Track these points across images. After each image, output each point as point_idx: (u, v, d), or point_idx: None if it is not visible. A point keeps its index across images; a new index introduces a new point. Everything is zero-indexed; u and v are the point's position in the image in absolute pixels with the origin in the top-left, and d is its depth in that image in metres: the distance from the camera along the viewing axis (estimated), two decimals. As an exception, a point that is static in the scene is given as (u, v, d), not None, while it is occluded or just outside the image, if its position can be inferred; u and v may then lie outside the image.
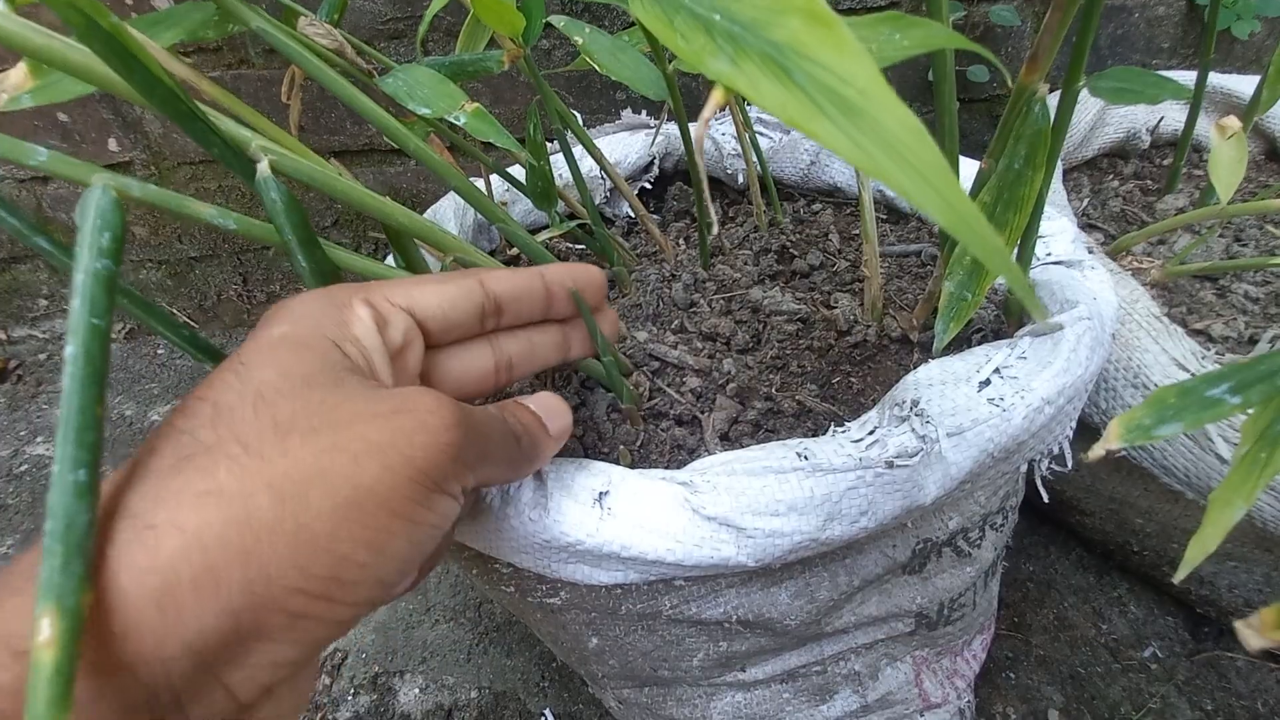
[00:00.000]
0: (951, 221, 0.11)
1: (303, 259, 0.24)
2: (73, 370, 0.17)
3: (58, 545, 0.15)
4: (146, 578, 0.15)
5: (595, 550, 0.29)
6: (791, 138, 0.60)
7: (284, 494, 0.16)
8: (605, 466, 0.30)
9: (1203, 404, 0.26)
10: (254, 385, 0.18)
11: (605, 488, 0.29)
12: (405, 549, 0.18)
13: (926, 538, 0.36)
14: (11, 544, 0.77)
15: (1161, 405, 0.27)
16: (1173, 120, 0.71)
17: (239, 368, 0.19)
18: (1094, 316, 0.35)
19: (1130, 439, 0.27)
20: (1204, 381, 0.26)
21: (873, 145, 0.12)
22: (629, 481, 0.29)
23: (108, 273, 0.19)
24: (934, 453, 0.29)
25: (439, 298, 0.24)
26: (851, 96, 0.12)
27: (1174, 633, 0.56)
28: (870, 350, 0.44)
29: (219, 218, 0.23)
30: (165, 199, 0.22)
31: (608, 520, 0.28)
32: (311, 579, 0.16)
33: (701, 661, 0.38)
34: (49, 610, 0.14)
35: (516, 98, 0.82)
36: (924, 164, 0.12)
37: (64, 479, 0.16)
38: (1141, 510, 0.52)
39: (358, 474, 0.17)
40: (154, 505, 0.16)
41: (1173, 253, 0.59)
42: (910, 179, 0.12)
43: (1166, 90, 0.33)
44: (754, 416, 0.40)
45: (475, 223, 0.56)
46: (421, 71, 0.36)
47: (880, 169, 0.12)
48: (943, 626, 0.41)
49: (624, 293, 0.50)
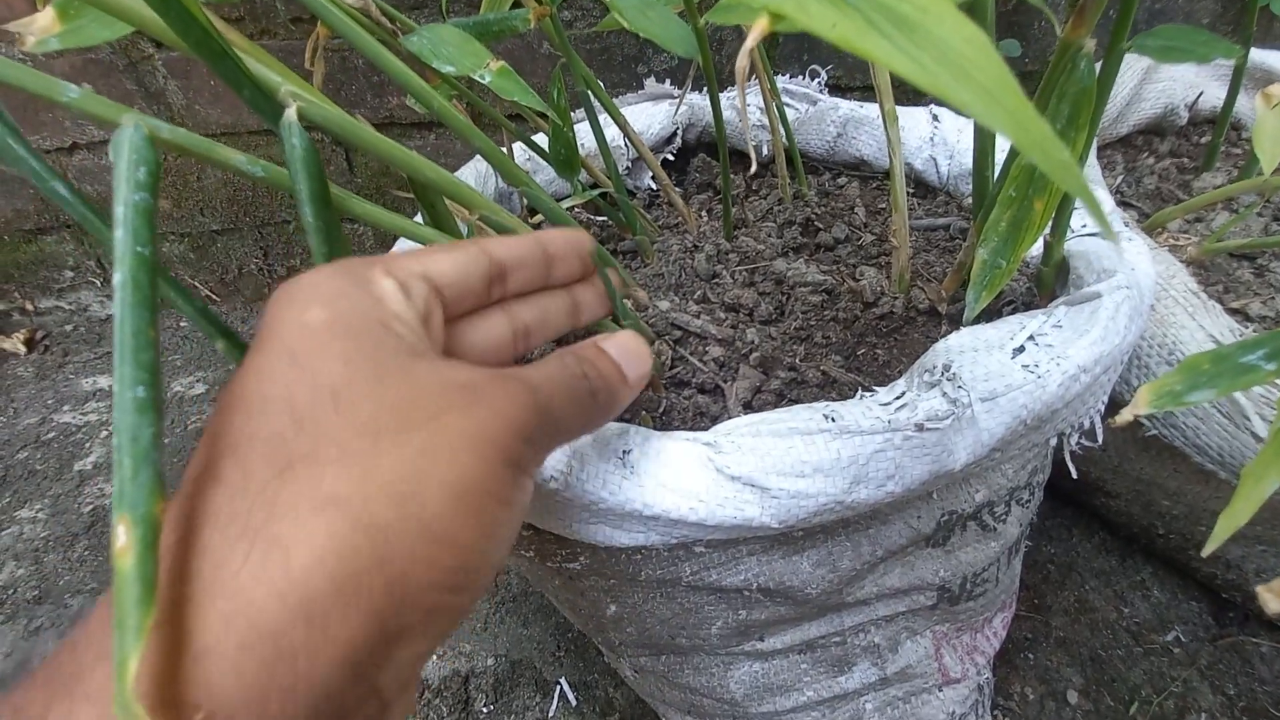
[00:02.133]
0: (1019, 137, 0.11)
1: (311, 213, 0.23)
2: (122, 296, 0.17)
3: (126, 458, 0.15)
4: (287, 595, 0.14)
5: (617, 509, 0.28)
6: (818, 109, 0.59)
7: (398, 495, 0.16)
8: (628, 426, 0.30)
9: (1237, 370, 0.25)
10: (325, 382, 0.18)
11: (628, 446, 0.29)
12: (509, 531, 0.19)
13: (952, 510, 0.36)
14: (40, 508, 0.79)
15: (1194, 371, 0.26)
16: (1211, 97, 0.69)
17: (292, 359, 0.18)
18: (1133, 286, 0.34)
19: (1160, 405, 0.26)
20: (1239, 348, 0.26)
21: (933, 61, 0.11)
22: (652, 441, 0.29)
23: (145, 205, 0.18)
24: (965, 417, 0.28)
25: (451, 264, 0.24)
26: (907, 12, 0.12)
27: (1197, 617, 0.55)
28: (897, 322, 0.43)
29: (248, 165, 0.23)
30: (195, 143, 0.22)
31: (630, 479, 0.28)
32: (444, 572, 0.17)
33: (720, 630, 0.38)
34: (124, 519, 0.14)
35: (537, 70, 0.81)
36: (989, 79, 0.11)
37: (124, 396, 0.16)
38: (1169, 492, 0.51)
39: (458, 468, 0.18)
40: (268, 519, 0.15)
41: (1210, 231, 0.57)
42: (974, 95, 0.11)
43: (1217, 49, 0.31)
44: (778, 386, 0.39)
45: (496, 193, 0.56)
46: (446, 30, 0.35)
47: (942, 86, 0.11)
48: (964, 601, 0.41)
49: (646, 262, 0.49)
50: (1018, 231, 0.34)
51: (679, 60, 0.81)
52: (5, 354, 1.01)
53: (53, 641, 0.66)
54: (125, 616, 0.13)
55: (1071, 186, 0.11)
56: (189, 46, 0.20)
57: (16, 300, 1.06)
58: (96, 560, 0.73)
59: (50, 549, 0.75)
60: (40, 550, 0.75)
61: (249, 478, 0.16)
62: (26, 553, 0.74)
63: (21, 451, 0.86)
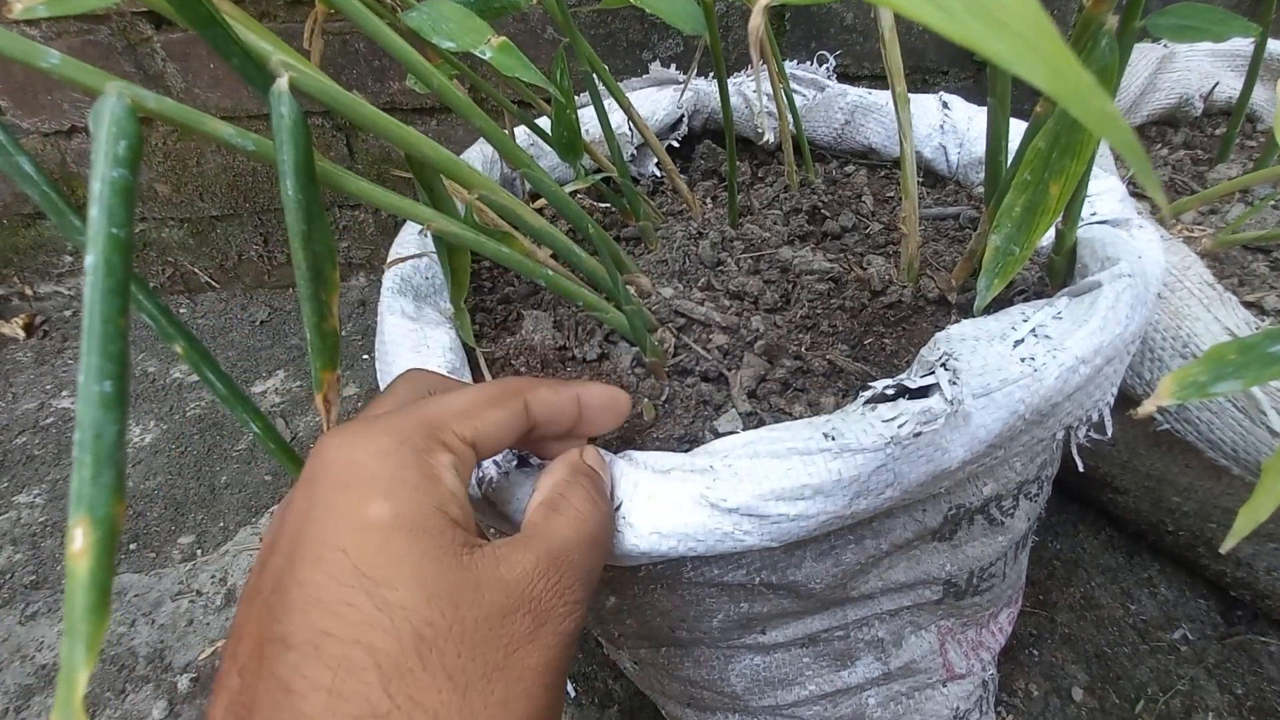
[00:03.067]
0: (1058, 88, 0.10)
1: (292, 186, 0.22)
2: (93, 280, 0.16)
3: (87, 456, 0.14)
4: None
5: (615, 553, 0.28)
6: (826, 95, 0.58)
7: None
8: (621, 469, 0.29)
9: (1265, 360, 0.25)
10: (408, 622, 0.17)
11: (620, 500, 0.28)
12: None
13: (959, 504, 0.35)
14: (38, 493, 0.79)
15: (1219, 361, 0.25)
16: (1227, 88, 0.67)
17: (367, 586, 0.17)
18: (1136, 274, 0.33)
19: (1184, 396, 0.25)
20: (1266, 337, 0.25)
21: (964, 9, 0.10)
22: (642, 487, 0.28)
23: (124, 181, 0.18)
24: (959, 414, 0.27)
25: (497, 428, 0.23)
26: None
27: (1205, 615, 0.54)
28: (905, 311, 0.42)
29: (238, 138, 0.22)
30: (183, 114, 0.21)
31: (625, 531, 0.27)
32: None
33: (721, 623, 0.37)
34: (82, 521, 0.14)
35: (541, 55, 0.80)
36: (1024, 24, 0.10)
37: (90, 390, 0.15)
38: (1180, 488, 0.50)
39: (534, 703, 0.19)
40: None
41: (1225, 223, 0.56)
42: (1007, 43, 0.10)
43: (1234, 27, 0.30)
44: (783, 375, 0.38)
45: (501, 178, 0.55)
46: (447, 6, 0.34)
47: (973, 36, 0.10)
48: (971, 596, 0.40)
49: (650, 249, 0.48)
50: (1032, 216, 0.33)
51: (684, 46, 0.80)
52: (4, 339, 1.01)
53: (49, 627, 0.66)
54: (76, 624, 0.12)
55: (1116, 139, 0.10)
56: (174, 10, 0.19)
57: (16, 285, 1.05)
58: (94, 546, 0.73)
59: (47, 534, 0.74)
60: (38, 535, 0.74)
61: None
62: (24, 538, 0.74)
63: (20, 436, 0.85)
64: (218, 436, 0.83)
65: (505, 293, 0.48)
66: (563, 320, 0.43)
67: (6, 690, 0.61)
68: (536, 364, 0.40)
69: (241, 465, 0.79)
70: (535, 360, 0.40)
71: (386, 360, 0.37)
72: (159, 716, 0.59)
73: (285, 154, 0.22)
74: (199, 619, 0.65)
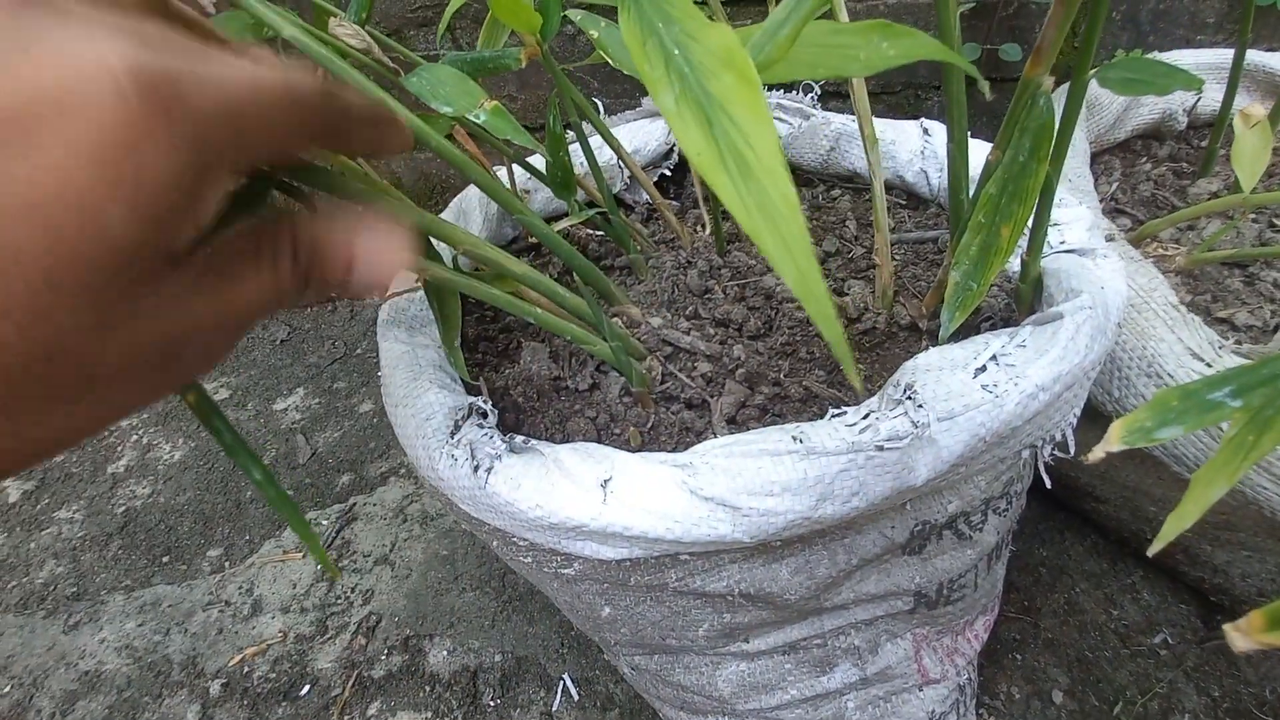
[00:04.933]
0: (800, 289, 0.13)
1: None
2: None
3: None
4: None
5: (601, 530, 0.31)
6: (811, 123, 0.60)
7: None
8: (610, 452, 0.32)
9: (1204, 407, 0.27)
10: None
11: (609, 474, 0.31)
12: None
13: (925, 520, 0.37)
14: (77, 509, 0.83)
15: (1163, 408, 0.27)
16: (1211, 100, 0.69)
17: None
18: (1097, 305, 0.36)
19: (1131, 441, 0.27)
20: (1206, 385, 0.27)
21: (755, 207, 0.14)
22: (631, 467, 0.31)
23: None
24: (925, 436, 0.30)
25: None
26: (750, 159, 0.14)
27: (1186, 620, 0.56)
28: (879, 338, 0.45)
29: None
30: None
31: (611, 504, 0.30)
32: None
33: (707, 632, 0.40)
34: None
35: (542, 83, 0.83)
36: (790, 235, 0.13)
37: None
38: (1155, 498, 0.52)
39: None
40: None
41: (1202, 239, 0.58)
42: (776, 245, 0.13)
43: (1177, 80, 0.32)
44: (761, 401, 0.41)
45: (500, 210, 0.58)
46: (443, 70, 0.38)
47: (756, 228, 0.14)
48: (943, 606, 0.42)
49: (640, 279, 0.51)
50: (987, 256, 0.36)
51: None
52: (41, 360, 1.06)
53: (90, 636, 0.71)
54: None
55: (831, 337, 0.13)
56: None
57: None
58: (130, 559, 0.77)
59: (86, 548, 0.79)
60: (77, 549, 0.79)
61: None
62: (65, 551, 0.79)
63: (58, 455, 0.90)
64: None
65: (506, 322, 0.51)
66: (558, 351, 0.46)
67: (53, 695, 0.66)
68: (533, 394, 0.43)
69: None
70: (532, 390, 0.43)
71: (388, 379, 0.41)
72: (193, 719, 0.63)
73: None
74: (228, 628, 0.69)
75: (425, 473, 0.37)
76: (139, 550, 0.78)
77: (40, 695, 0.66)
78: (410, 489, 0.79)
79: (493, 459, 0.34)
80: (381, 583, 0.70)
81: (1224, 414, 0.26)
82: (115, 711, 0.64)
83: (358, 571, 0.72)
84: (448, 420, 0.36)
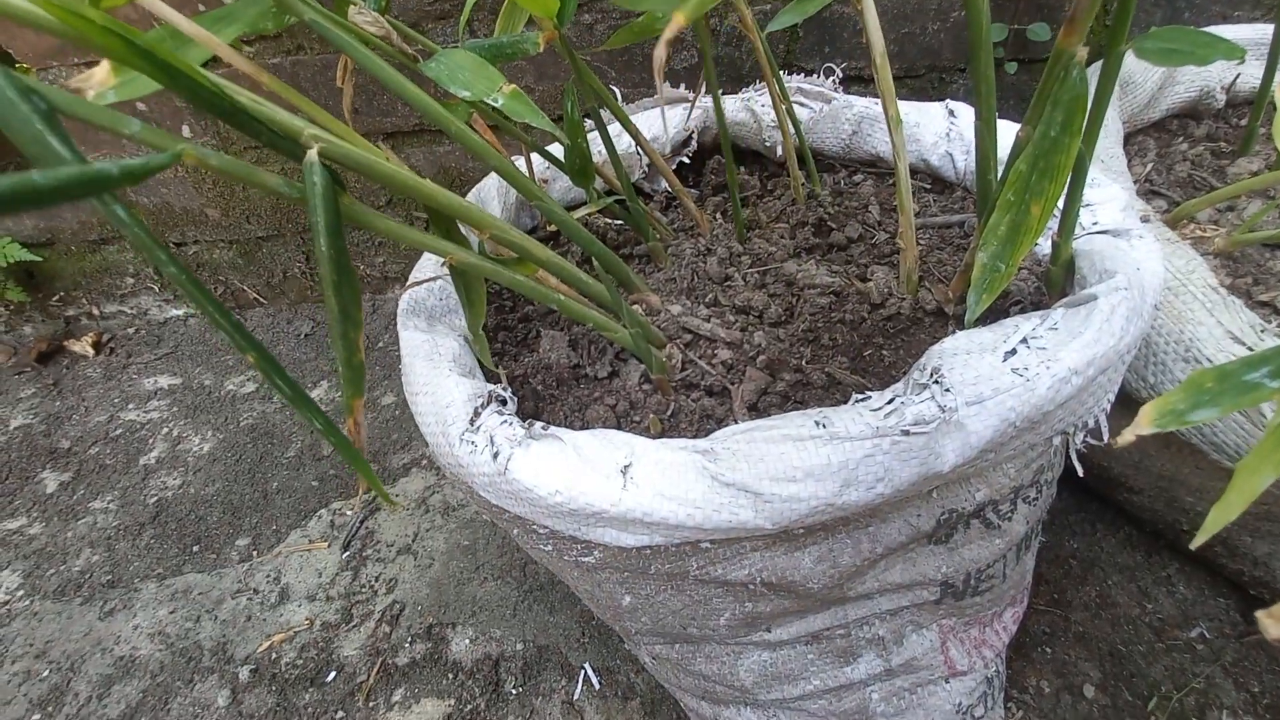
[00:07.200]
0: None
1: (325, 244, 0.25)
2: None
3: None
4: None
5: (620, 517, 0.30)
6: (833, 107, 0.59)
7: None
8: (630, 438, 0.32)
9: (1240, 388, 0.26)
10: None
11: (628, 460, 0.31)
12: None
13: (952, 508, 0.37)
14: (111, 499, 0.85)
15: (1197, 390, 0.26)
16: (1250, 77, 0.66)
17: None
18: (1133, 287, 0.35)
19: (1164, 424, 0.26)
20: (1243, 365, 0.26)
21: None
22: (651, 453, 0.31)
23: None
24: (952, 420, 0.29)
25: None
26: None
27: (1224, 614, 0.55)
28: (904, 323, 0.44)
29: (284, 186, 0.26)
30: (238, 168, 0.24)
31: (631, 490, 0.30)
32: None
33: (728, 620, 0.40)
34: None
35: (560, 72, 0.83)
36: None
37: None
38: (1192, 488, 0.50)
39: None
40: None
41: (1241, 220, 0.56)
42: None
43: (1219, 50, 0.31)
44: (783, 388, 0.40)
45: (518, 199, 0.58)
46: (462, 55, 0.37)
47: None
48: (970, 597, 0.41)
49: (659, 266, 0.51)
50: (1016, 235, 0.35)
51: (698, 58, 0.82)
52: (76, 356, 1.09)
53: (125, 622, 0.72)
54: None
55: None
56: (201, 106, 0.22)
57: (84, 306, 1.14)
58: (161, 548, 0.79)
59: (121, 537, 0.81)
60: (112, 539, 0.81)
61: None
62: (100, 540, 0.81)
63: (93, 447, 0.93)
64: (269, 445, 0.88)
65: (525, 311, 0.51)
66: (577, 339, 0.46)
67: (89, 680, 0.68)
68: (552, 382, 0.43)
69: (291, 471, 0.84)
70: (551, 378, 0.43)
71: (407, 368, 0.41)
72: (223, 704, 0.64)
73: (319, 216, 0.25)
74: (256, 615, 0.70)
75: (445, 460, 0.37)
76: (170, 539, 0.79)
77: (77, 679, 0.68)
78: (432, 480, 0.80)
79: (512, 445, 0.34)
80: (405, 572, 0.71)
81: (1263, 395, 0.25)
82: (149, 695, 0.65)
83: (381, 561, 0.72)
84: (467, 407, 0.36)
